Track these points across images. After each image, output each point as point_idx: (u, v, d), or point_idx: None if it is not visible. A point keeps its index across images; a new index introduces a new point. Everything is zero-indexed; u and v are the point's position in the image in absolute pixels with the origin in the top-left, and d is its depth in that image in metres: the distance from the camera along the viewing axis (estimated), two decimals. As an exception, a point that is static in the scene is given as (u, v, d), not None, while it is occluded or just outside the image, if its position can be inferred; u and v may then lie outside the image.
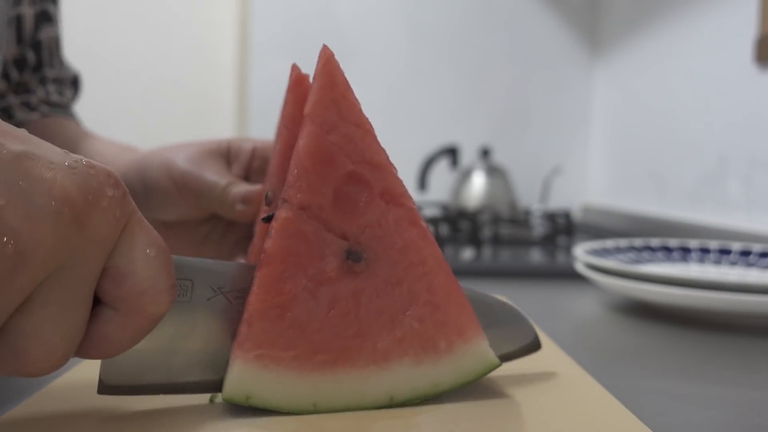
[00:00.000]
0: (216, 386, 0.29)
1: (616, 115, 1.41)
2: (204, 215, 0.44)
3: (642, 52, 1.27)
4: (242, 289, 0.30)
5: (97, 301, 0.25)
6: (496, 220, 1.08)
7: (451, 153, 1.33)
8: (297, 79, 0.34)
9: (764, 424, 0.33)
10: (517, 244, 1.02)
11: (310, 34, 1.47)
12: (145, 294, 0.25)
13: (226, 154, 0.44)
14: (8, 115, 0.52)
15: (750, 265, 0.64)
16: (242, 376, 0.28)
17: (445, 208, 1.28)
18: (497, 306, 0.35)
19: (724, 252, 0.67)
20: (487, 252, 0.92)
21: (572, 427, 0.28)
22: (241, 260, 0.45)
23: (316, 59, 0.31)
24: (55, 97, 0.56)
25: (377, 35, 1.49)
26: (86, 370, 0.34)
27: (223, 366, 0.29)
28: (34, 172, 0.22)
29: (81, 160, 0.24)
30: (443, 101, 1.50)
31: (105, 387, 0.28)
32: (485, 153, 1.34)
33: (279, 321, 0.29)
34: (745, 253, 0.65)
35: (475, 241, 0.96)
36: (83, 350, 0.25)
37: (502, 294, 0.58)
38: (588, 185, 1.52)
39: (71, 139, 0.52)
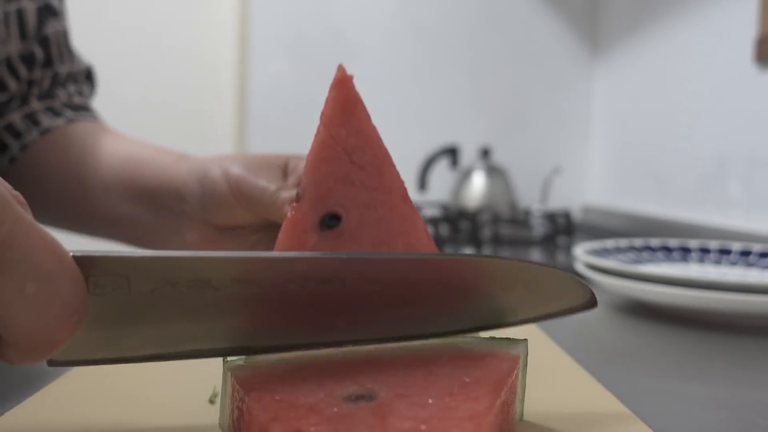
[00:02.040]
0: (172, 356, 0.28)
1: (616, 115, 1.41)
2: (256, 222, 0.44)
3: (642, 52, 1.27)
4: (193, 280, 0.27)
5: None
6: (496, 220, 1.08)
7: (451, 153, 1.33)
8: (340, 80, 0.33)
9: (764, 424, 0.33)
10: (517, 244, 1.02)
11: (310, 34, 1.47)
12: (32, 336, 0.21)
13: (283, 167, 0.44)
14: (34, 122, 0.52)
15: (750, 265, 0.64)
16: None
17: (445, 208, 1.28)
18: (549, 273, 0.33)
19: (724, 252, 0.67)
20: (487, 252, 0.92)
21: (572, 427, 0.28)
22: None
23: (315, 59, 0.32)
24: (77, 99, 0.56)
25: (377, 35, 1.49)
26: (86, 371, 0.34)
27: (178, 340, 0.27)
28: None
29: None
30: (443, 101, 1.50)
31: (54, 362, 0.26)
32: (485, 153, 1.34)
33: None
34: (745, 253, 0.65)
35: (475, 241, 0.96)
36: (5, 354, 0.23)
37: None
38: (588, 185, 1.52)
39: (99, 142, 0.52)
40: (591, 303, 0.33)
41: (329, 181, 0.32)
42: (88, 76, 0.59)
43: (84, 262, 0.24)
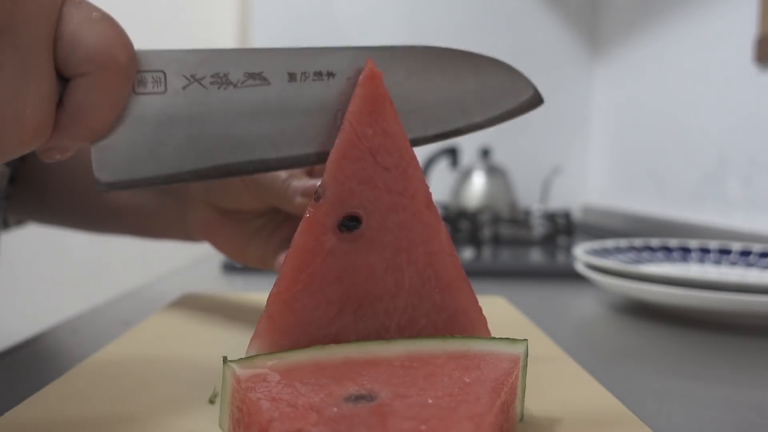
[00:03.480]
0: (208, 173, 0.31)
1: (616, 115, 1.41)
2: (261, 208, 0.44)
3: (642, 52, 1.27)
4: (216, 74, 0.30)
5: (66, 82, 0.27)
6: (496, 220, 1.08)
7: (451, 153, 1.33)
8: (369, 75, 0.32)
9: (764, 424, 0.33)
10: (517, 244, 1.02)
11: (309, 34, 1.47)
12: (100, 48, 0.26)
13: None
14: None
15: (750, 265, 0.64)
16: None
17: (445, 208, 1.28)
18: (487, 63, 0.36)
19: (724, 252, 0.67)
20: (487, 252, 0.92)
21: (572, 427, 0.28)
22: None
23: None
24: None
25: (377, 35, 1.48)
26: (86, 371, 0.34)
27: (211, 153, 0.31)
28: None
29: None
30: (443, 101, 1.50)
31: (102, 184, 0.30)
32: (485, 153, 1.34)
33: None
34: (745, 253, 0.65)
35: (475, 241, 0.96)
36: (67, 128, 0.27)
37: (502, 294, 0.58)
38: (588, 185, 1.52)
39: None
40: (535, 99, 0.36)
41: (352, 181, 0.31)
42: None
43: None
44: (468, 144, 1.43)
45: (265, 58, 0.31)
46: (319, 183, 0.39)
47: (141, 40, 0.29)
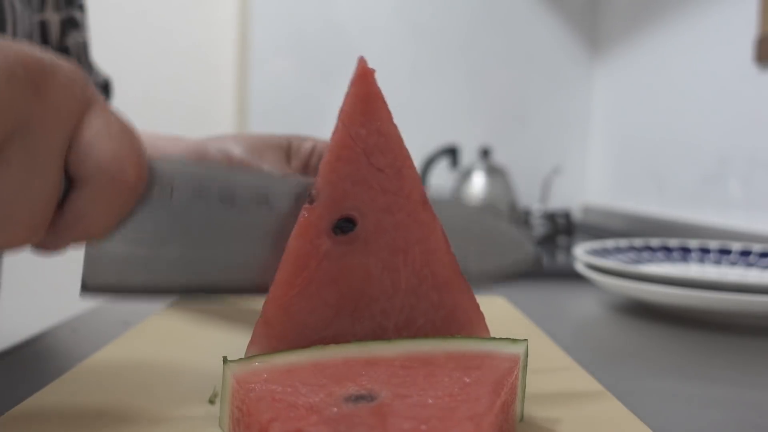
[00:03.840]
0: (198, 289, 0.30)
1: (616, 115, 1.41)
2: None
3: (642, 52, 1.27)
4: (224, 190, 0.30)
5: (72, 186, 0.26)
6: (496, 220, 1.08)
7: (451, 153, 1.33)
8: (361, 74, 0.31)
9: (764, 424, 0.33)
10: (517, 244, 1.02)
11: (310, 34, 1.47)
12: (111, 163, 0.26)
13: (286, 149, 0.44)
14: None
15: (750, 265, 0.64)
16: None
17: (445, 208, 1.28)
18: (497, 221, 0.36)
19: (724, 252, 0.67)
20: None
21: (572, 427, 0.28)
22: None
23: (315, 59, 0.31)
24: None
25: (377, 35, 1.49)
26: (86, 371, 0.34)
27: (205, 270, 0.30)
28: None
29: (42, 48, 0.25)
30: (443, 101, 1.50)
31: (87, 287, 0.29)
32: (485, 153, 1.34)
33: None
34: (745, 253, 0.65)
35: (475, 241, 0.96)
36: (63, 230, 0.26)
37: (502, 294, 0.58)
38: (588, 185, 1.52)
39: None
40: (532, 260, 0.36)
41: (345, 183, 0.30)
42: (104, 87, 0.59)
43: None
44: (468, 144, 1.43)
45: (275, 181, 0.31)
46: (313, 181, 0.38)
47: (141, 40, 0.29)
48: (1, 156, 0.23)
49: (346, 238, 0.30)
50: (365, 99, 0.31)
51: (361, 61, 0.31)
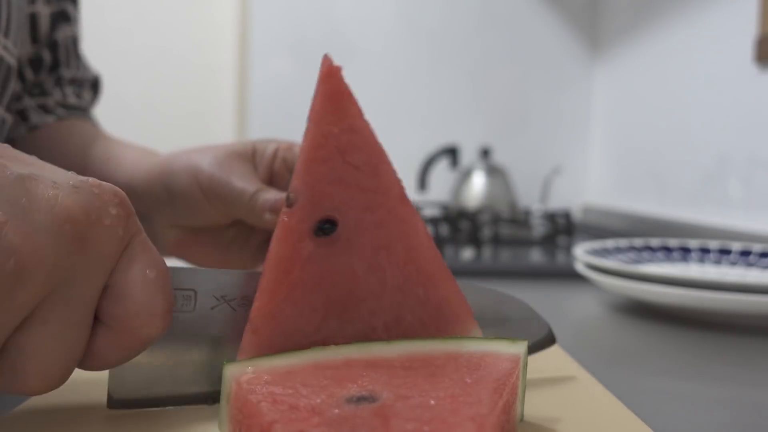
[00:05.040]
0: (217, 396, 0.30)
1: (616, 115, 1.41)
2: (229, 221, 0.43)
3: (642, 52, 1.27)
4: (246, 297, 0.30)
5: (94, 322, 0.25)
6: (496, 220, 1.08)
7: (451, 153, 1.33)
8: (327, 72, 0.30)
9: (764, 424, 0.33)
10: (517, 244, 1.02)
11: (310, 34, 1.47)
12: (139, 316, 0.25)
13: (251, 157, 0.43)
14: (23, 118, 0.51)
15: (750, 265, 0.64)
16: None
17: (445, 208, 1.28)
18: (509, 302, 0.35)
19: (724, 252, 0.67)
20: (487, 252, 0.92)
21: (572, 427, 0.28)
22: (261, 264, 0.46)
23: (315, 59, 0.31)
24: (72, 100, 0.54)
25: (377, 35, 1.49)
26: (86, 371, 0.34)
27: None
28: (36, 191, 0.22)
29: (87, 180, 0.24)
30: (443, 101, 1.50)
31: (114, 401, 0.28)
32: (485, 153, 1.34)
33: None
34: (745, 253, 0.65)
35: (475, 241, 0.96)
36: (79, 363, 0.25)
37: (503, 294, 0.58)
38: (588, 185, 1.52)
39: (86, 141, 0.51)
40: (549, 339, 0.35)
41: (322, 183, 0.30)
42: (93, 85, 0.58)
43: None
44: (468, 144, 1.43)
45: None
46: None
47: (141, 40, 0.29)
48: (40, 314, 0.22)
49: (328, 240, 0.30)
50: (334, 97, 0.30)
51: (326, 59, 0.30)
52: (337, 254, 0.30)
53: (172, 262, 0.35)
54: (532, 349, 0.35)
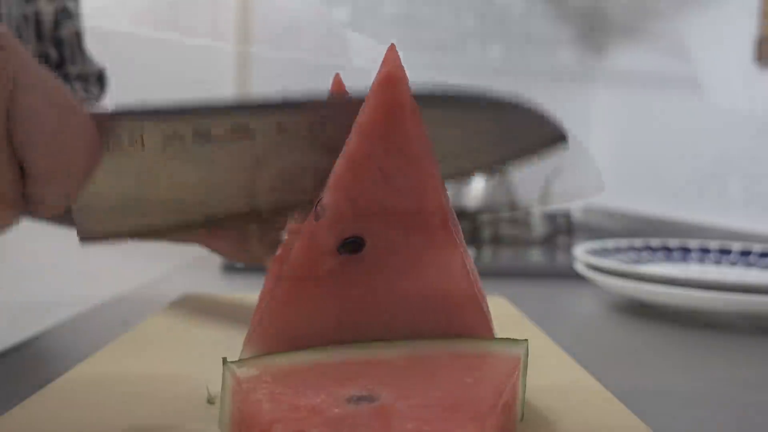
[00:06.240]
0: (194, 224, 0.30)
1: (617, 115, 1.41)
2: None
3: (642, 53, 1.27)
4: (200, 133, 0.30)
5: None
6: (496, 220, 1.08)
7: (451, 153, 1.33)
8: (386, 78, 0.27)
9: (764, 424, 0.33)
10: (517, 244, 1.02)
11: (310, 34, 1.47)
12: (57, 154, 0.26)
13: None
14: None
15: (750, 265, 0.64)
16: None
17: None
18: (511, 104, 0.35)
19: (724, 252, 0.67)
20: (487, 252, 0.92)
21: (572, 427, 0.28)
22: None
23: (315, 59, 0.31)
24: (80, 95, 0.55)
25: (377, 35, 1.48)
26: (87, 371, 0.34)
27: (196, 208, 0.30)
28: None
29: None
30: (443, 101, 1.50)
31: (82, 237, 0.29)
32: (485, 153, 1.34)
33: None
34: (745, 253, 0.65)
35: (475, 241, 0.96)
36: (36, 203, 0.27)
37: (502, 294, 0.58)
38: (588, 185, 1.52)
39: None
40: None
41: (356, 201, 0.28)
42: (99, 78, 0.58)
43: (101, 118, 0.29)
44: (468, 144, 1.43)
45: (253, 111, 0.31)
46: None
47: (140, 41, 0.29)
48: None
49: (352, 258, 0.28)
50: (388, 110, 0.27)
51: (388, 60, 0.27)
52: (359, 273, 0.29)
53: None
54: (543, 147, 0.34)
